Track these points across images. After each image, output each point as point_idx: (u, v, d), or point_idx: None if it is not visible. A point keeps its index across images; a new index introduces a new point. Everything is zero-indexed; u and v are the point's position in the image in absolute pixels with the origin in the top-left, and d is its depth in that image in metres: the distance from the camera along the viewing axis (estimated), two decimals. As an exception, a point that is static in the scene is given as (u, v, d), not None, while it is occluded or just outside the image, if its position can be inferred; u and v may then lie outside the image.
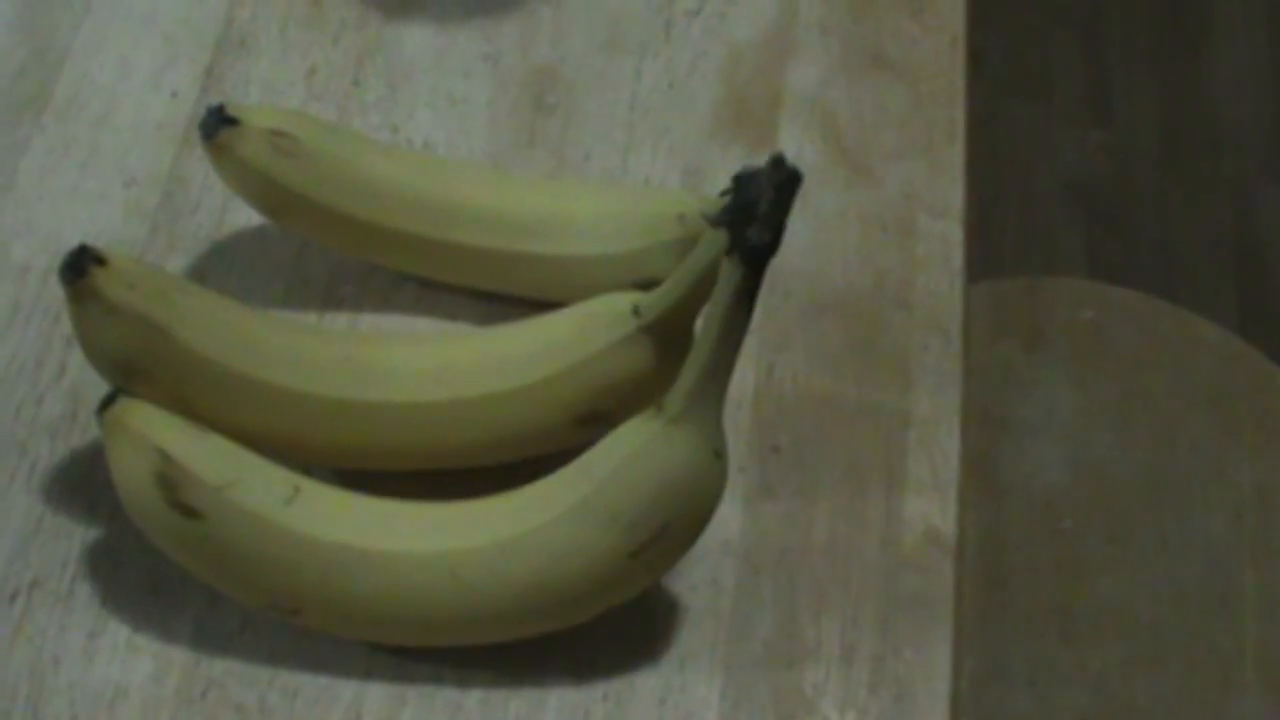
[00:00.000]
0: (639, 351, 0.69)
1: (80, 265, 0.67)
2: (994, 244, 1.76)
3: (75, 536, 0.72)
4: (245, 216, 0.79)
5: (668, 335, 0.69)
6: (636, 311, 0.69)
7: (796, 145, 0.84)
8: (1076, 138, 1.86)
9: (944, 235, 0.82)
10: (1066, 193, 1.82)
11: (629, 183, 0.82)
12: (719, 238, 0.64)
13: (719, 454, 0.67)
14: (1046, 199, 1.81)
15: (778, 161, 0.63)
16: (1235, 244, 1.80)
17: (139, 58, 0.85)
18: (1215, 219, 1.82)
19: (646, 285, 0.70)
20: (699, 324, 0.67)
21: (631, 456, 0.66)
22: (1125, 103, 1.89)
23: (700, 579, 0.72)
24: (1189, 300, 1.60)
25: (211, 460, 0.67)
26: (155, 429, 0.67)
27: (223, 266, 0.79)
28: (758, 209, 0.63)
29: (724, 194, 0.64)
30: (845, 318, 0.79)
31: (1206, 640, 1.13)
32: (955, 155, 0.84)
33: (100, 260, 0.67)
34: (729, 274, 0.64)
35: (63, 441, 0.74)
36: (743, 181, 0.63)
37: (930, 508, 0.74)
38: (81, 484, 0.73)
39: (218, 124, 0.74)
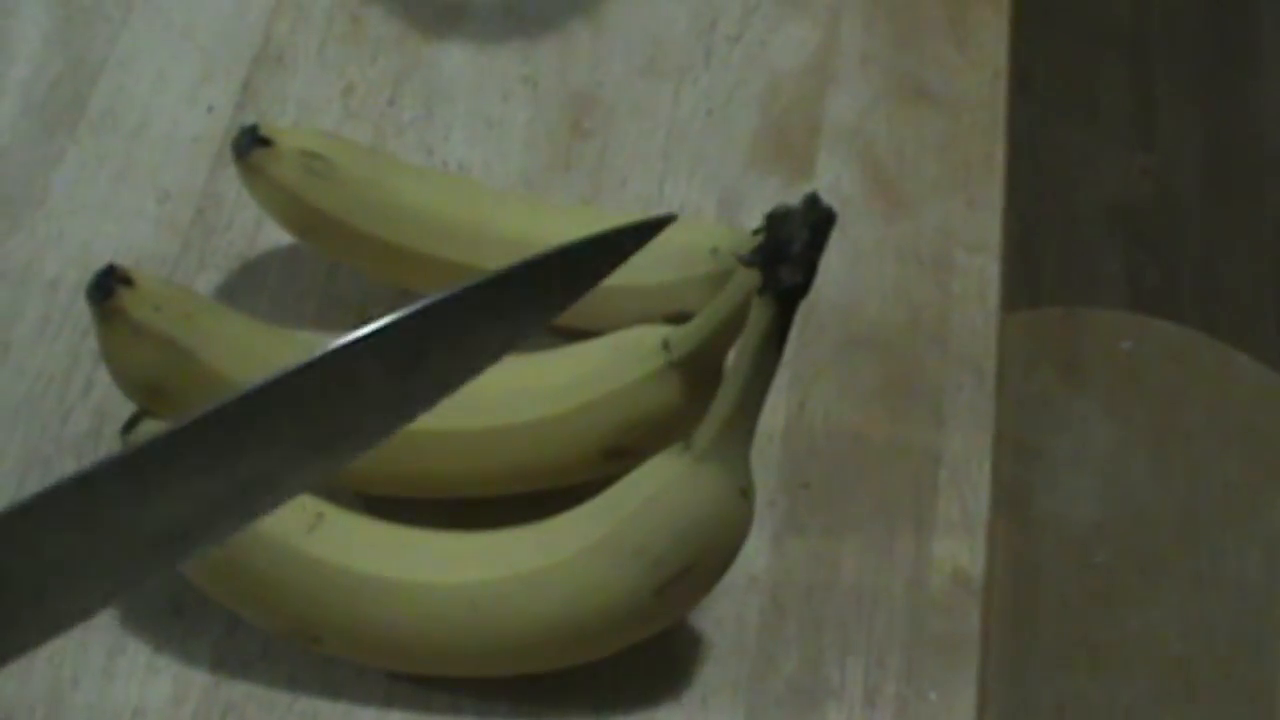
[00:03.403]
0: (668, 387, 0.68)
1: (107, 285, 0.67)
2: (1035, 267, 1.75)
3: (98, 554, 0.72)
4: (278, 235, 0.79)
5: (697, 371, 0.68)
6: (666, 346, 0.68)
7: (834, 176, 0.83)
8: (1121, 161, 1.85)
9: (980, 271, 0.81)
10: (1109, 216, 1.81)
11: (664, 209, 0.81)
12: (750, 276, 0.63)
13: (745, 493, 0.66)
14: (1089, 222, 1.80)
15: (812, 201, 0.62)
16: (1279, 270, 1.78)
17: (176, 72, 0.85)
18: (1259, 244, 1.80)
19: (679, 318, 0.70)
20: (730, 360, 0.66)
21: (657, 493, 0.65)
22: (1170, 127, 1.88)
23: (725, 615, 0.71)
24: (1231, 327, 1.59)
25: (234, 486, 0.67)
26: (179, 453, 0.67)
27: (254, 285, 0.79)
28: (791, 249, 0.62)
29: (756, 232, 0.64)
30: (879, 353, 0.78)
31: (1237, 678, 1.11)
32: (994, 190, 0.84)
33: (127, 281, 0.67)
34: (760, 313, 0.63)
35: (88, 458, 0.74)
36: (776, 220, 0.62)
37: (959, 548, 0.74)
38: (106, 502, 0.73)
39: (251, 144, 0.73)
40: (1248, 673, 1.12)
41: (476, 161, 0.83)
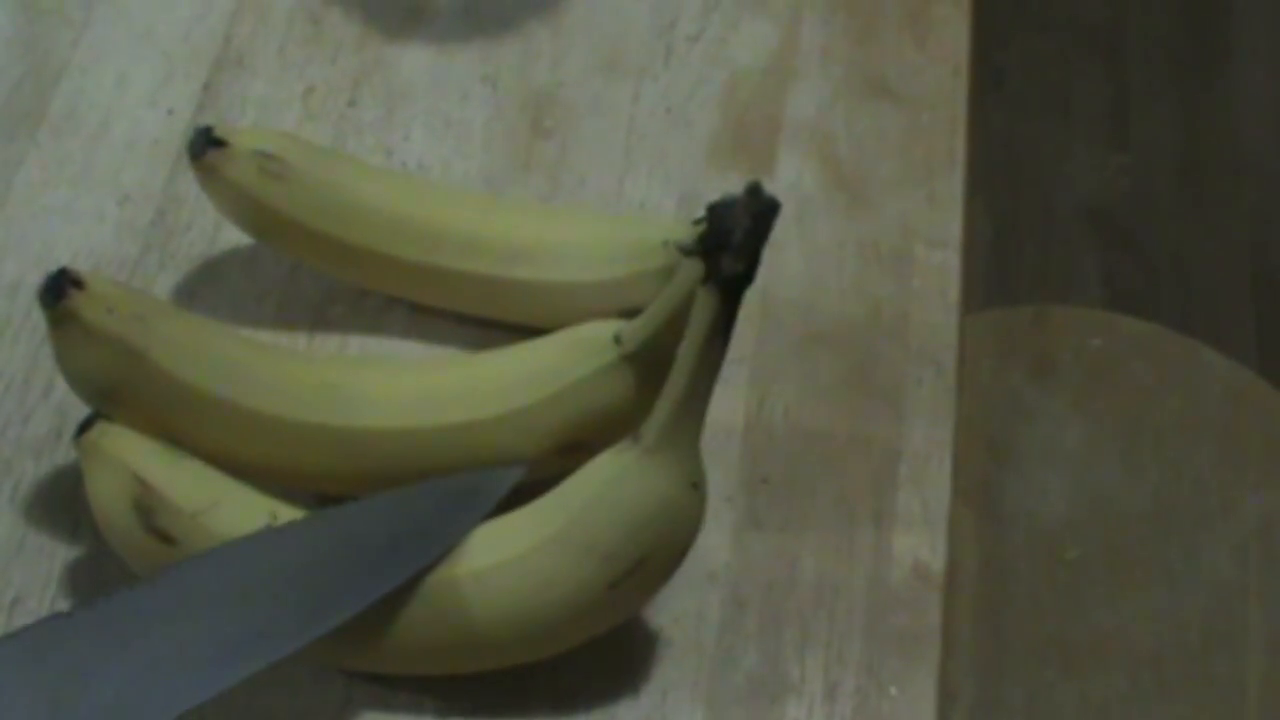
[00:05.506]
0: (620, 380, 0.68)
1: (59, 288, 0.67)
2: (1010, 266, 1.75)
3: (58, 555, 0.71)
4: (237, 236, 0.79)
5: (649, 364, 0.68)
6: (618, 340, 0.68)
7: (795, 172, 0.83)
8: (1096, 160, 1.85)
9: (941, 266, 0.81)
10: (1085, 216, 1.81)
11: (624, 208, 0.82)
12: (695, 267, 0.63)
13: (696, 485, 0.66)
14: (1064, 221, 1.81)
15: (754, 190, 0.63)
16: (1253, 269, 1.79)
17: (136, 74, 0.85)
18: (1234, 243, 1.81)
19: (633, 312, 0.70)
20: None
21: (606, 487, 0.65)
22: (1145, 125, 1.88)
23: (685, 611, 0.71)
24: (1206, 325, 1.59)
25: (188, 486, 0.67)
26: (132, 454, 0.67)
27: (214, 285, 0.79)
28: (732, 239, 0.62)
29: (697, 223, 0.64)
30: (839, 349, 0.78)
31: (1209, 674, 1.12)
32: (955, 185, 0.84)
33: (79, 283, 0.67)
34: (703, 304, 0.63)
35: (48, 460, 0.74)
36: (718, 211, 0.62)
37: (919, 543, 0.74)
38: (65, 503, 0.73)
39: (205, 145, 0.73)
40: (1218, 668, 1.12)
41: (436, 161, 0.83)
